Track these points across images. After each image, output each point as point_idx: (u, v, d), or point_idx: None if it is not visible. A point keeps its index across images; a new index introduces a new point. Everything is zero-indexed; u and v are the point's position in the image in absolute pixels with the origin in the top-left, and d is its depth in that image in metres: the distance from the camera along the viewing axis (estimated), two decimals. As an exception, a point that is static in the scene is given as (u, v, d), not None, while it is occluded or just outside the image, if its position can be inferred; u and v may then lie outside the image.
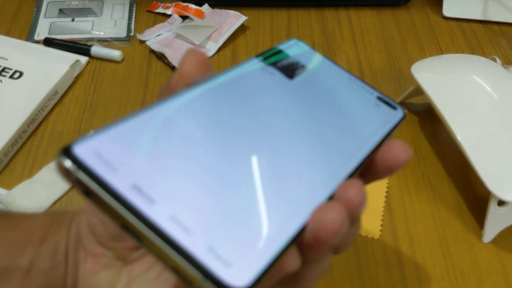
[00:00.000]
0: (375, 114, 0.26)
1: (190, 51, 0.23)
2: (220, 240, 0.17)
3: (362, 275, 0.41)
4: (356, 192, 0.21)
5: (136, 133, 0.19)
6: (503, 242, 0.44)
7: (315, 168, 0.22)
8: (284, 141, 0.22)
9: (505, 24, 0.65)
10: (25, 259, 0.27)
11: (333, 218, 0.20)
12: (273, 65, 0.26)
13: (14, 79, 0.53)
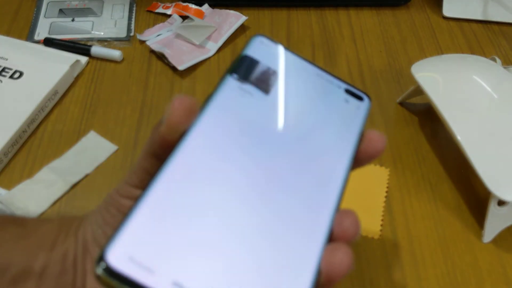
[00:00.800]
0: (347, 114, 0.27)
1: (177, 99, 0.23)
2: None
3: (362, 275, 0.41)
4: (351, 222, 0.24)
5: (159, 219, 0.20)
6: (503, 242, 0.44)
7: (310, 204, 0.23)
8: (278, 180, 0.23)
9: (505, 24, 0.65)
10: (38, 264, 0.28)
11: (342, 258, 0.22)
12: (247, 81, 0.26)
13: (14, 79, 0.53)
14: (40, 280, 0.28)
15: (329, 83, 0.28)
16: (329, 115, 0.27)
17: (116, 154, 0.50)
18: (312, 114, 0.27)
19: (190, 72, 0.58)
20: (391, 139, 0.52)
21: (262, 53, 0.28)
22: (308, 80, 0.28)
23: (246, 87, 0.26)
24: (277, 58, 0.28)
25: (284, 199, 0.23)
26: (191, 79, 0.57)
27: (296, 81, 0.28)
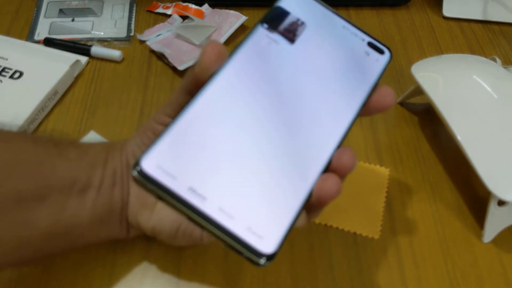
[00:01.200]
0: (366, 65, 0.31)
1: (209, 44, 0.28)
2: (253, 220, 0.24)
3: (362, 275, 0.41)
4: (348, 157, 0.28)
5: (184, 140, 0.25)
6: (503, 242, 0.44)
7: (316, 139, 0.28)
8: (291, 116, 0.28)
9: (505, 24, 0.65)
10: (97, 178, 0.34)
11: (331, 185, 0.26)
12: (275, 31, 0.30)
13: (14, 79, 0.53)
14: (99, 191, 0.34)
15: (353, 35, 0.32)
16: (348, 64, 0.30)
17: (116, 154, 0.50)
18: (332, 62, 0.30)
19: (190, 72, 0.58)
20: (391, 139, 0.52)
21: (293, 5, 0.31)
22: (333, 32, 0.31)
23: (274, 36, 0.30)
24: (306, 10, 0.31)
25: (295, 132, 0.27)
26: (191, 79, 0.57)
27: (321, 32, 0.31)
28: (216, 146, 0.25)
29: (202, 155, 0.25)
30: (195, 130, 0.25)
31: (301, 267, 0.41)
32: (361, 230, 0.44)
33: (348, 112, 0.29)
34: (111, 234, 0.36)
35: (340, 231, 0.44)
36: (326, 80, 0.29)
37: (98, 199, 0.34)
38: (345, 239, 0.43)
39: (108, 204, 0.34)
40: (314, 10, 0.32)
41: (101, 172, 0.34)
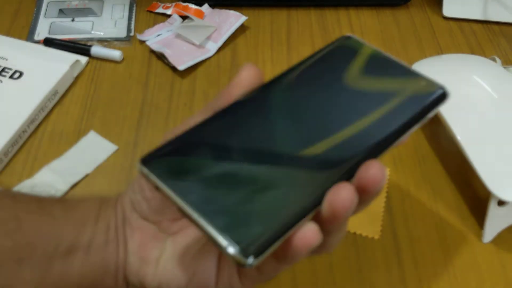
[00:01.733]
0: (414, 101, 0.29)
1: (246, 68, 0.29)
2: (237, 224, 0.23)
3: (362, 275, 0.41)
4: (375, 171, 0.25)
5: (187, 145, 0.26)
6: (503, 242, 0.44)
7: (339, 151, 0.26)
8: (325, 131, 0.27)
9: (505, 24, 0.65)
10: (86, 237, 0.30)
11: (343, 197, 0.24)
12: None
13: (14, 79, 0.53)
14: (88, 252, 0.30)
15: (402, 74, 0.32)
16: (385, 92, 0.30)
17: (116, 154, 0.50)
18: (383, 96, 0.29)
19: (190, 72, 0.58)
20: (391, 139, 0.52)
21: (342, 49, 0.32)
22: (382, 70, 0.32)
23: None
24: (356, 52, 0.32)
25: (320, 142, 0.26)
26: (191, 79, 0.57)
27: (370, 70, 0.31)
28: (220, 166, 0.26)
29: (201, 161, 0.26)
30: (199, 141, 0.27)
31: (301, 267, 0.41)
32: (361, 230, 0.44)
33: (385, 131, 0.27)
34: None
35: (340, 231, 0.44)
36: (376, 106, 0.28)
37: (88, 260, 0.30)
38: (345, 239, 0.43)
39: (100, 265, 0.31)
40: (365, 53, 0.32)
41: (92, 230, 0.31)
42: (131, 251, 0.31)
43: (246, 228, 0.23)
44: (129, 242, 0.31)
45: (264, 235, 0.23)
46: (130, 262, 0.31)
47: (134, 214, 0.31)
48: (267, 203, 0.24)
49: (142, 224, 0.31)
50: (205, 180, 0.25)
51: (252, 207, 0.24)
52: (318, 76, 0.30)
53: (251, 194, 0.24)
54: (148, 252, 0.30)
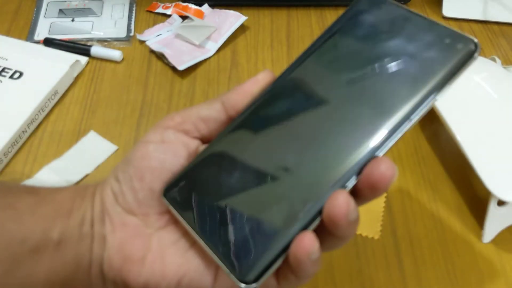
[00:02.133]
0: (440, 58, 0.26)
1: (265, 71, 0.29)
2: (238, 249, 0.25)
3: (362, 275, 0.41)
4: (386, 167, 0.24)
5: (201, 173, 0.28)
6: (503, 242, 0.44)
7: (345, 146, 0.25)
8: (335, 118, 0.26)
9: (505, 24, 0.65)
10: (56, 232, 0.28)
11: (341, 203, 0.23)
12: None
13: (14, 79, 0.53)
14: (57, 250, 0.28)
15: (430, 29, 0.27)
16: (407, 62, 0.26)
17: (116, 154, 0.50)
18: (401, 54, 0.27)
19: (190, 72, 0.58)
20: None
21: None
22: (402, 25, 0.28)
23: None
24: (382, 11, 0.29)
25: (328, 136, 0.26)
26: (191, 79, 0.57)
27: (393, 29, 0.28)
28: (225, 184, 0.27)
29: (212, 193, 0.27)
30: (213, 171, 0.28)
31: (301, 267, 0.41)
32: (361, 230, 0.44)
33: (392, 113, 0.25)
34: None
35: (340, 231, 0.44)
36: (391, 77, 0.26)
37: (58, 257, 0.28)
38: (345, 239, 0.43)
39: (71, 262, 0.28)
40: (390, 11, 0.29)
41: (63, 225, 0.28)
42: (112, 248, 0.29)
43: (246, 255, 0.25)
44: (109, 238, 0.29)
45: (262, 260, 0.24)
46: (111, 259, 0.29)
47: (116, 207, 0.29)
48: (268, 226, 0.25)
49: (125, 219, 0.29)
50: (214, 208, 0.27)
51: (254, 231, 0.25)
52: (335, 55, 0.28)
53: (253, 218, 0.25)
54: (131, 251, 0.28)
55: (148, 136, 0.30)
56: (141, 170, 0.29)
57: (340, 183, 0.24)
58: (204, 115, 0.30)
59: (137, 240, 0.28)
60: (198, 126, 0.30)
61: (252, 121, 0.28)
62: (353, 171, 0.24)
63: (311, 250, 0.24)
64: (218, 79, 0.57)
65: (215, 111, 0.30)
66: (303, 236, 0.24)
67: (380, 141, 0.25)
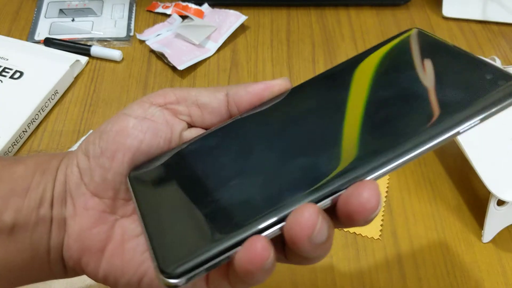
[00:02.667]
0: (487, 95, 0.23)
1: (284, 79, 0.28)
2: (173, 243, 0.23)
3: (362, 275, 0.41)
4: (369, 196, 0.20)
5: (172, 167, 0.26)
6: (502, 242, 0.44)
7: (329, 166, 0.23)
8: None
9: (505, 24, 0.65)
10: (9, 215, 0.25)
11: (307, 218, 0.20)
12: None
13: (14, 79, 0.53)
14: (11, 233, 0.25)
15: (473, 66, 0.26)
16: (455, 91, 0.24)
17: (116, 154, 0.49)
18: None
19: (190, 71, 0.58)
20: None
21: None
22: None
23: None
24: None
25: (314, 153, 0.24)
26: (191, 79, 0.57)
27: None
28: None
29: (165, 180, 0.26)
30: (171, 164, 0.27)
31: (301, 267, 0.41)
32: (361, 230, 0.44)
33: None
34: (40, 279, 0.28)
35: (340, 231, 0.44)
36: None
37: (11, 244, 0.25)
38: (345, 239, 0.43)
39: (27, 249, 0.26)
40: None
41: (17, 207, 0.25)
42: (71, 235, 0.26)
43: (179, 250, 0.22)
44: (69, 222, 0.26)
45: (193, 256, 0.21)
46: (68, 246, 0.26)
47: (80, 187, 0.26)
48: (215, 225, 0.23)
49: (88, 201, 0.26)
50: (169, 199, 0.25)
51: (197, 229, 0.23)
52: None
53: (203, 215, 0.23)
54: (91, 240, 0.26)
55: (131, 109, 0.27)
56: (114, 147, 0.26)
57: (314, 197, 0.21)
58: (202, 102, 0.27)
59: (98, 228, 0.26)
60: (192, 110, 0.28)
61: (249, 127, 0.27)
62: (331, 188, 0.22)
63: (263, 257, 0.20)
64: (218, 79, 0.57)
65: (216, 101, 0.28)
66: (254, 240, 0.21)
67: (379, 161, 0.22)
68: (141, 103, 0.27)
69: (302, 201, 0.21)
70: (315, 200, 0.21)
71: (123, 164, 0.26)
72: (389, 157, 0.22)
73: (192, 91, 0.28)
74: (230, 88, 0.28)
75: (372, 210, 0.20)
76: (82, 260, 0.26)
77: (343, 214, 0.21)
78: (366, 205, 0.20)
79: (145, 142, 0.26)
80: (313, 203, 0.21)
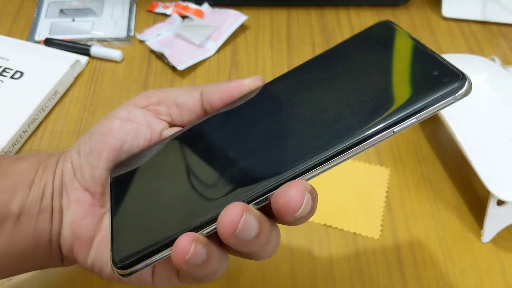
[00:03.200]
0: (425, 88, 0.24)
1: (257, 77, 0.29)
2: (127, 236, 0.25)
3: (362, 275, 0.41)
4: (296, 192, 0.22)
5: (145, 159, 0.28)
6: (502, 241, 0.44)
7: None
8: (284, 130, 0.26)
9: (504, 24, 0.65)
10: (16, 205, 0.28)
11: (230, 215, 0.22)
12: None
13: (14, 79, 0.53)
14: (17, 222, 0.28)
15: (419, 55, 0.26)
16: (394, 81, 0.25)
17: (116, 154, 0.50)
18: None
19: (190, 72, 0.58)
20: (391, 139, 0.52)
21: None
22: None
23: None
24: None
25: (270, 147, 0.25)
26: (191, 79, 0.57)
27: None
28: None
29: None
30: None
31: (300, 267, 0.41)
32: (361, 230, 0.44)
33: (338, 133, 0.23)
34: (40, 266, 0.31)
35: (340, 231, 0.44)
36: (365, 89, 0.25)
37: (17, 231, 0.28)
38: (345, 239, 0.43)
39: (31, 236, 0.28)
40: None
41: (23, 198, 0.28)
42: (65, 224, 0.29)
43: (130, 243, 0.25)
44: (65, 213, 0.29)
45: (138, 249, 0.24)
46: (64, 235, 0.29)
47: (74, 182, 0.29)
48: (161, 222, 0.25)
49: (80, 195, 0.29)
50: (133, 197, 0.27)
51: (151, 223, 0.25)
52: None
53: (157, 213, 0.26)
54: (82, 230, 0.28)
55: (117, 111, 0.30)
56: (101, 146, 0.29)
57: (245, 196, 0.23)
58: (180, 101, 0.29)
59: (88, 219, 0.28)
60: (171, 110, 0.30)
61: (209, 127, 0.28)
62: (261, 187, 0.23)
63: (186, 252, 0.22)
64: (218, 79, 0.57)
65: (192, 100, 0.29)
66: (182, 237, 0.23)
67: (310, 162, 0.23)
68: (126, 106, 0.30)
69: (234, 200, 0.23)
70: (246, 198, 0.23)
71: (109, 163, 0.29)
72: (320, 158, 0.23)
73: (172, 91, 0.30)
74: (206, 87, 0.29)
75: (296, 208, 0.22)
76: (73, 248, 0.29)
77: (274, 211, 0.23)
78: (290, 203, 0.22)
79: (127, 142, 0.29)
80: (243, 201, 0.23)
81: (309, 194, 0.22)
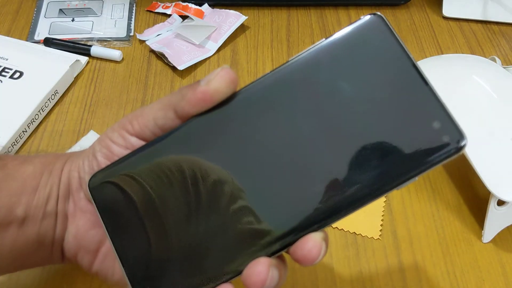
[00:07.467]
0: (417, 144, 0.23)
1: (223, 69, 0.26)
2: (142, 277, 0.25)
3: (362, 275, 0.41)
4: (311, 247, 0.24)
5: (133, 173, 0.26)
6: (502, 242, 0.44)
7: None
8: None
9: (505, 24, 0.65)
10: (21, 210, 0.28)
11: (258, 271, 0.24)
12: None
13: (14, 79, 0.53)
14: (22, 227, 0.28)
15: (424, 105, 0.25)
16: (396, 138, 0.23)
17: (116, 154, 0.49)
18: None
19: (190, 72, 0.58)
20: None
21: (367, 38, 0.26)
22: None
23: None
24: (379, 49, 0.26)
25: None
26: (191, 79, 0.57)
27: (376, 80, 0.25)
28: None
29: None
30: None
31: (301, 267, 0.41)
32: (361, 230, 0.44)
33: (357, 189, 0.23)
34: (41, 264, 0.31)
35: (340, 231, 0.44)
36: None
37: (21, 234, 0.28)
38: (345, 239, 0.43)
39: (34, 239, 0.29)
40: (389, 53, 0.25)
41: (28, 202, 0.28)
42: (70, 233, 0.29)
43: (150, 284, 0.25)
44: (70, 221, 0.29)
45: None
46: (68, 242, 0.29)
47: (80, 193, 0.29)
48: (180, 262, 0.25)
49: (85, 206, 0.29)
50: (135, 222, 0.26)
51: (167, 263, 0.25)
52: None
53: (169, 249, 0.25)
54: (86, 241, 0.29)
55: (112, 136, 0.28)
56: (104, 164, 0.28)
57: (267, 250, 0.24)
58: (161, 124, 0.28)
59: (94, 230, 0.29)
60: (155, 132, 0.28)
61: (185, 137, 0.26)
62: (282, 243, 0.24)
63: None
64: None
65: (170, 121, 0.27)
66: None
67: (320, 217, 0.24)
68: (119, 131, 0.28)
69: (256, 254, 0.24)
70: (269, 252, 0.24)
71: None
72: (332, 215, 0.24)
73: (149, 115, 0.28)
74: (176, 104, 0.27)
75: (313, 259, 0.24)
76: (78, 255, 0.29)
77: (294, 258, 0.25)
78: (308, 256, 0.24)
79: None
80: (266, 256, 0.24)
81: (324, 243, 0.24)
